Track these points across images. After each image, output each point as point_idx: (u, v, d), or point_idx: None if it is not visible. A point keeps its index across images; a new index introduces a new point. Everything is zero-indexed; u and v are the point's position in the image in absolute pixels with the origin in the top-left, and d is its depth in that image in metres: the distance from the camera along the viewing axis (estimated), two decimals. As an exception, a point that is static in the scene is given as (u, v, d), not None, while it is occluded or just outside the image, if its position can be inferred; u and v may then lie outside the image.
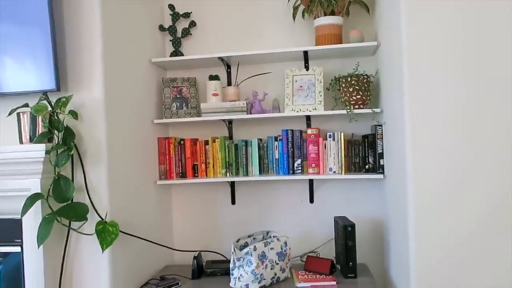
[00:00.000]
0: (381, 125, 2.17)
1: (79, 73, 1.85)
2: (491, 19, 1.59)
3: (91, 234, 1.76)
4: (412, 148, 1.65)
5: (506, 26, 1.58)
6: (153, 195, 2.31)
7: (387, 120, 2.07)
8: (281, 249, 2.02)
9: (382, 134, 2.17)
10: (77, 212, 1.73)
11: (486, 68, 1.60)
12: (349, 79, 2.17)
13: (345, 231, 2.03)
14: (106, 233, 1.72)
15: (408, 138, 1.66)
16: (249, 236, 2.10)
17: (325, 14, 2.22)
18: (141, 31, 2.26)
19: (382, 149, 2.17)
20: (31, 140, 1.77)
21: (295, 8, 2.32)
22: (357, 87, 2.16)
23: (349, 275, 2.03)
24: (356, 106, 2.18)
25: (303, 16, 2.34)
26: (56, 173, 1.73)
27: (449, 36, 1.62)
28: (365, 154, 2.25)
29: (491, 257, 1.61)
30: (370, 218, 2.36)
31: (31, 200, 1.67)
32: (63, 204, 1.73)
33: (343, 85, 2.19)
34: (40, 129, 1.77)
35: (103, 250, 1.71)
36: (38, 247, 1.66)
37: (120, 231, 1.78)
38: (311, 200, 2.43)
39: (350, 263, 2.03)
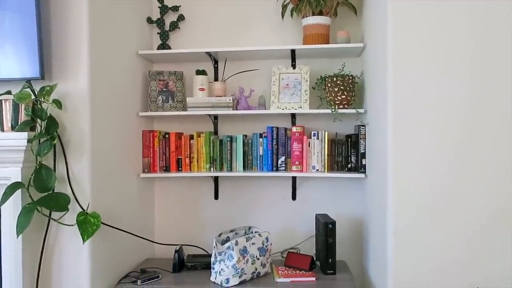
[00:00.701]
0: (364, 126, 2.21)
1: (64, 62, 1.83)
2: (475, 24, 1.64)
3: (72, 225, 1.75)
4: (394, 149, 1.69)
5: (490, 28, 1.63)
6: (135, 188, 2.30)
7: (370, 120, 2.11)
8: (263, 244, 2.05)
9: (365, 134, 2.21)
10: (58, 202, 1.72)
11: (470, 71, 1.64)
12: (334, 79, 2.20)
13: (325, 229, 2.07)
14: (88, 224, 1.71)
15: (389, 139, 1.70)
16: (231, 231, 2.12)
17: (314, 14, 2.25)
18: (129, 22, 2.25)
19: (365, 149, 2.21)
20: (12, 128, 1.74)
21: (284, 7, 2.34)
22: (342, 87, 2.19)
23: (328, 271, 2.06)
24: (341, 106, 2.22)
25: (291, 15, 2.36)
26: (38, 163, 1.71)
27: (434, 40, 1.66)
28: (348, 154, 2.28)
29: (470, 258, 1.66)
30: (351, 216, 2.41)
31: (11, 189, 1.64)
32: (44, 194, 1.71)
33: (329, 85, 2.22)
34: (23, 117, 1.74)
35: (84, 241, 1.70)
36: (17, 236, 1.64)
37: (102, 222, 1.78)
38: (294, 197, 2.46)
39: (330, 260, 2.06)
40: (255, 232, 2.12)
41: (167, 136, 2.39)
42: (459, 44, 1.65)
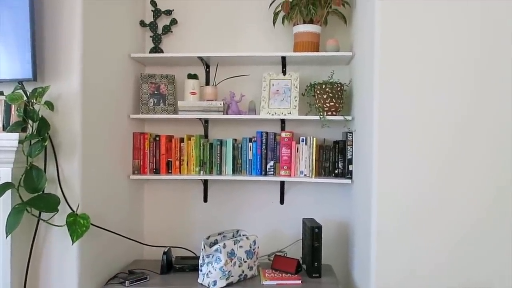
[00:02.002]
0: (351, 132, 2.27)
1: (56, 64, 1.84)
2: (459, 34, 1.69)
3: (61, 226, 1.76)
4: (378, 156, 1.74)
5: (475, 38, 1.69)
6: (125, 190, 2.32)
7: (357, 127, 2.16)
8: (250, 247, 2.08)
9: (352, 141, 2.26)
10: (48, 203, 1.73)
11: (455, 79, 1.70)
12: (323, 86, 2.25)
13: (312, 233, 2.11)
14: (77, 225, 1.73)
15: (375, 146, 1.75)
16: (219, 234, 2.15)
17: (304, 22, 2.30)
18: (122, 25, 2.27)
19: (352, 155, 2.26)
20: (4, 128, 1.75)
21: (276, 14, 2.39)
22: (331, 95, 2.24)
23: (313, 275, 2.10)
24: (329, 113, 2.27)
25: (283, 22, 2.41)
26: (29, 163, 1.73)
27: (420, 50, 1.71)
28: (335, 159, 2.33)
29: (453, 263, 1.71)
30: (337, 221, 2.46)
31: (1, 189, 1.65)
32: (34, 195, 1.72)
33: (318, 92, 2.27)
34: (14, 118, 1.75)
35: (73, 242, 1.71)
36: (6, 236, 1.65)
37: (91, 223, 1.79)
38: (282, 201, 2.50)
39: (316, 264, 2.11)
40: (243, 235, 2.15)
41: (157, 138, 2.42)
42: (444, 53, 1.70)
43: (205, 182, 2.53)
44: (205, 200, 2.54)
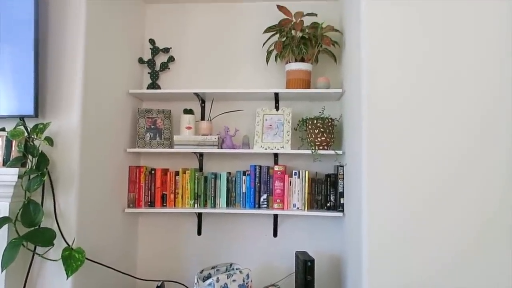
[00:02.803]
0: (342, 166, 2.33)
1: (57, 101, 1.92)
2: (446, 69, 1.78)
3: (56, 260, 1.78)
4: (368, 190, 1.79)
5: (469, 77, 1.77)
6: (120, 223, 2.34)
7: (348, 161, 2.23)
8: (243, 281, 2.09)
9: (343, 174, 2.32)
10: (44, 238, 1.75)
11: (441, 115, 1.77)
12: (315, 121, 2.33)
13: (305, 266, 2.13)
14: (72, 260, 1.74)
15: (364, 181, 1.80)
16: (212, 268, 2.16)
17: (296, 60, 2.41)
18: (121, 62, 2.36)
19: (343, 189, 2.32)
20: (4, 163, 1.79)
21: (269, 53, 2.50)
22: (322, 129, 2.32)
23: (307, 308, 2.11)
24: (321, 147, 2.34)
25: (276, 60, 2.52)
26: (27, 198, 1.76)
27: (406, 87, 1.79)
28: (327, 193, 2.38)
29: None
30: (330, 254, 2.48)
31: (-1, 223, 1.68)
32: (31, 229, 1.75)
33: (310, 127, 2.35)
34: (15, 153, 1.80)
35: (68, 276, 1.72)
36: (2, 271, 1.66)
37: (86, 258, 1.81)
38: (275, 234, 2.53)
39: (309, 297, 2.12)
40: (236, 268, 2.17)
41: (153, 172, 2.46)
42: (430, 90, 1.78)
43: (199, 215, 2.56)
44: (199, 233, 2.56)
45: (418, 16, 1.80)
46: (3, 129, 1.79)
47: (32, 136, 1.79)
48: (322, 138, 2.32)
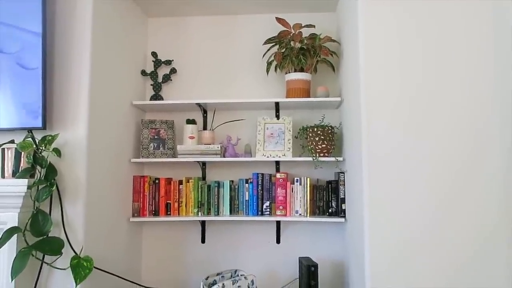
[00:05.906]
0: (343, 173, 2.38)
1: (65, 113, 1.96)
2: (441, 77, 1.83)
3: (64, 269, 1.81)
4: (369, 195, 1.83)
5: (464, 83, 1.82)
6: (125, 232, 2.38)
7: (348, 168, 2.27)
8: (248, 287, 2.12)
9: (344, 180, 2.36)
10: (53, 247, 1.79)
11: (440, 120, 1.81)
12: (315, 129, 2.38)
13: (308, 271, 2.16)
14: (80, 268, 1.77)
15: (365, 186, 1.84)
16: (217, 274, 2.19)
17: (296, 70, 2.47)
18: (125, 75, 2.42)
19: (344, 195, 2.36)
20: (13, 174, 1.83)
21: (269, 63, 2.56)
22: (322, 137, 2.37)
23: (311, 314, 2.14)
24: (321, 154, 2.39)
25: (275, 70, 2.58)
26: (35, 208, 1.80)
27: (403, 94, 1.84)
28: (328, 199, 2.43)
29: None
30: (332, 259, 2.51)
31: (8, 233, 1.72)
32: (39, 238, 1.78)
33: (310, 135, 2.40)
34: (24, 164, 1.85)
35: (76, 284, 1.75)
36: (12, 280, 1.69)
37: (94, 267, 1.84)
38: (278, 241, 2.56)
39: (312, 302, 2.14)
40: (241, 275, 2.20)
41: (157, 181, 2.51)
42: (429, 97, 1.83)
43: (203, 223, 2.60)
44: (203, 241, 2.60)
45: (414, 24, 1.87)
46: (12, 141, 1.84)
47: (41, 148, 1.83)
48: (323, 146, 2.37)
